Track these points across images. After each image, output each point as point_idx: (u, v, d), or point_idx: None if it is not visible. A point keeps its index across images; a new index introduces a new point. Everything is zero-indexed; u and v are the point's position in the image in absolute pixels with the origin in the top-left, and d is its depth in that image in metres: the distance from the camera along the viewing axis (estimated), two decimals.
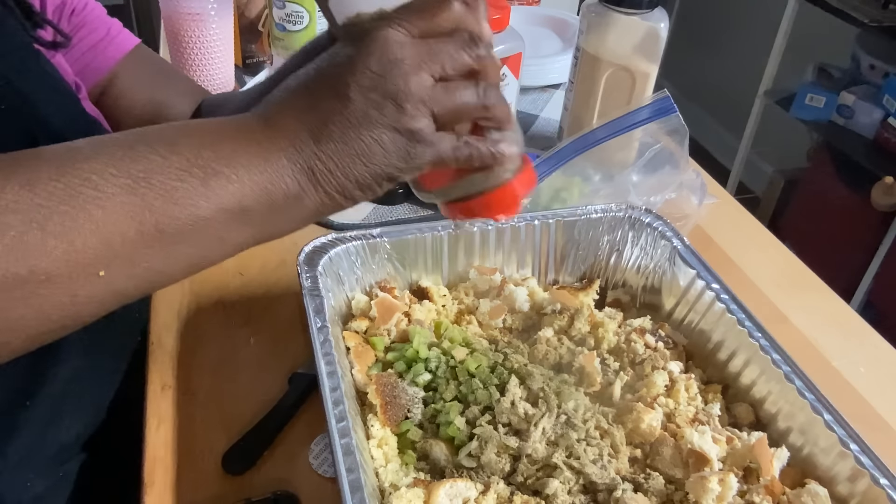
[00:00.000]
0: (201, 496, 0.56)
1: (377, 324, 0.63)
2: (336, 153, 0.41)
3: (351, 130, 0.41)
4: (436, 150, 0.43)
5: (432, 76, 0.42)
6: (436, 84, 0.42)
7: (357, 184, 0.42)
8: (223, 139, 0.41)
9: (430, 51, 0.42)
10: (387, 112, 0.41)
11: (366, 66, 0.41)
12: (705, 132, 2.91)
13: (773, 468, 0.54)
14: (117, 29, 0.76)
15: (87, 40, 0.73)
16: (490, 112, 0.44)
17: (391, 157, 0.42)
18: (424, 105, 0.41)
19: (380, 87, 0.41)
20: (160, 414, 0.61)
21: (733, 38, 2.86)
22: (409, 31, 0.42)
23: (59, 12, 0.71)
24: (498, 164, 0.46)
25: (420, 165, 0.43)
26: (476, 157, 0.44)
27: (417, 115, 0.41)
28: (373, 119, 0.41)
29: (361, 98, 0.41)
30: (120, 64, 0.75)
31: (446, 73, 0.42)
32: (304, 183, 0.41)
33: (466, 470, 0.53)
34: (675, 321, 0.69)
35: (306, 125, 0.41)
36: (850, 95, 2.06)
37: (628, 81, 0.87)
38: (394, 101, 0.41)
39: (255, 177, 0.40)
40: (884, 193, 1.97)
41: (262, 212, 0.41)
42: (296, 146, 0.41)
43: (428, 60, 0.41)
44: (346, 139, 0.41)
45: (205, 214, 0.39)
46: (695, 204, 0.80)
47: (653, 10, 0.84)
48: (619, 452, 0.55)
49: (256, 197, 0.40)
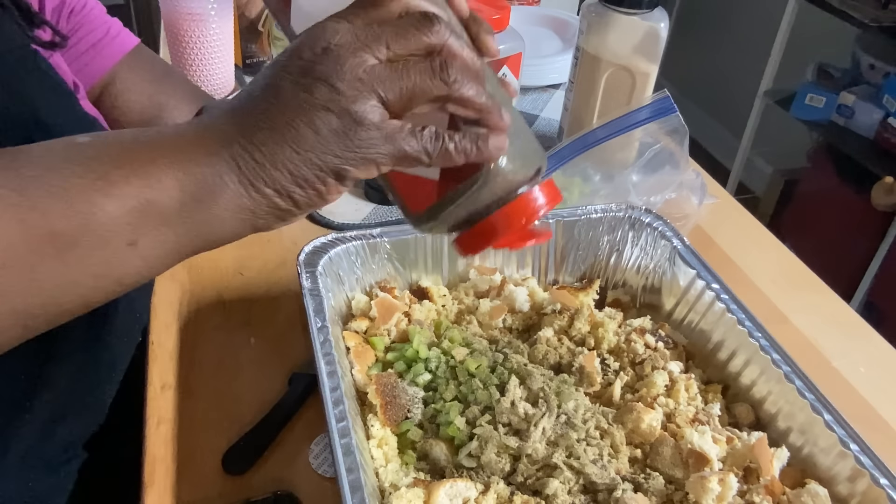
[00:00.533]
0: (201, 496, 0.56)
1: (377, 324, 0.63)
2: (263, 142, 0.37)
3: (279, 116, 0.37)
4: (388, 138, 0.37)
5: (376, 57, 0.37)
6: (380, 64, 0.37)
7: (291, 176, 0.37)
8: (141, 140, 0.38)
9: (371, 31, 0.37)
10: (318, 94, 0.36)
11: (297, 55, 0.37)
12: (705, 132, 2.91)
13: (773, 468, 0.54)
14: (117, 29, 0.76)
15: (85, 40, 0.73)
16: (458, 94, 0.38)
17: (328, 142, 0.37)
18: (363, 84, 0.36)
19: (310, 71, 0.37)
20: (160, 414, 0.61)
21: (733, 38, 2.86)
22: (350, 19, 0.38)
23: (58, 12, 0.71)
24: (481, 157, 0.39)
25: (371, 157, 0.38)
26: (449, 149, 0.38)
27: (355, 94, 0.36)
28: (302, 102, 0.36)
29: (290, 85, 0.37)
30: (119, 64, 0.75)
31: (395, 54, 0.37)
32: (225, 174, 0.37)
33: (466, 470, 0.53)
34: (675, 321, 0.69)
35: (234, 120, 0.38)
36: (850, 95, 2.06)
37: (628, 81, 0.87)
38: (325, 82, 0.36)
39: (166, 168, 0.36)
40: (884, 193, 1.97)
41: (175, 209, 0.37)
42: (219, 139, 0.37)
43: (368, 41, 0.37)
44: (273, 126, 0.37)
45: (105, 211, 0.35)
46: (695, 204, 0.80)
47: (653, 10, 0.84)
48: (619, 452, 0.55)
49: (166, 191, 0.36)
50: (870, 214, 2.00)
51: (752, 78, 2.38)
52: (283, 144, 0.37)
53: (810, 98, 2.15)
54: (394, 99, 0.37)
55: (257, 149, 0.37)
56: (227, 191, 0.37)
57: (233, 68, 1.09)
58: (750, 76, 2.44)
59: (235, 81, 1.10)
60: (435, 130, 0.38)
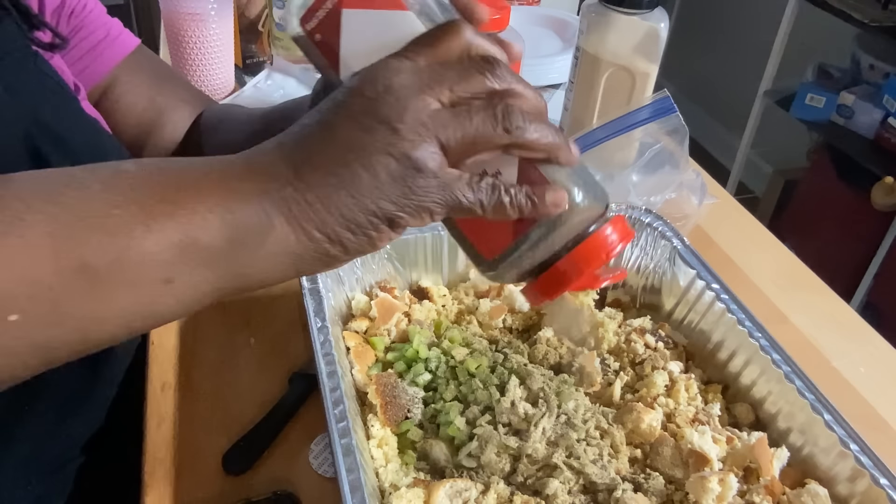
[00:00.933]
0: (201, 496, 0.56)
1: (377, 324, 0.63)
2: (316, 183, 0.34)
3: (336, 157, 0.35)
4: (445, 187, 0.36)
5: (438, 100, 0.35)
6: (442, 108, 0.36)
7: (343, 220, 0.35)
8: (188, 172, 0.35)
9: (434, 73, 0.36)
10: (378, 136, 0.34)
11: (359, 93, 0.35)
12: (705, 132, 2.91)
13: (773, 468, 0.54)
14: (117, 30, 0.76)
15: (86, 42, 0.73)
16: (521, 140, 0.36)
17: (385, 188, 0.35)
18: (426, 129, 0.35)
19: (371, 111, 0.35)
20: (160, 414, 0.61)
21: (733, 38, 2.86)
22: (412, 58, 0.36)
23: (58, 14, 0.71)
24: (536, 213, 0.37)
25: (427, 206, 0.36)
26: (504, 203, 0.36)
27: (416, 139, 0.34)
28: (362, 144, 0.35)
29: (350, 123, 0.35)
30: (120, 66, 0.75)
31: (457, 97, 0.36)
32: (273, 215, 0.34)
33: (466, 470, 0.53)
34: (675, 321, 0.69)
35: (286, 156, 0.36)
36: (850, 95, 2.06)
37: (628, 81, 0.87)
38: (387, 125, 0.34)
39: (212, 204, 0.34)
40: (884, 193, 1.97)
41: (219, 249, 0.34)
42: (269, 176, 0.35)
43: (432, 83, 0.35)
44: (329, 167, 0.35)
45: (142, 247, 0.33)
46: (695, 204, 0.80)
47: (653, 10, 0.84)
48: (619, 452, 0.55)
49: (211, 229, 0.34)
50: (870, 214, 2.00)
51: (752, 78, 2.38)
52: (339, 188, 0.35)
53: (810, 98, 2.15)
54: (455, 146, 0.36)
55: (310, 189, 0.35)
56: (274, 232, 0.35)
57: (233, 68, 1.09)
58: (750, 76, 2.44)
59: (235, 81, 1.10)
60: (492, 182, 0.37)
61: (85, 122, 0.62)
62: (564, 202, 0.38)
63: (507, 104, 0.36)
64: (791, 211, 2.37)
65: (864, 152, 2.04)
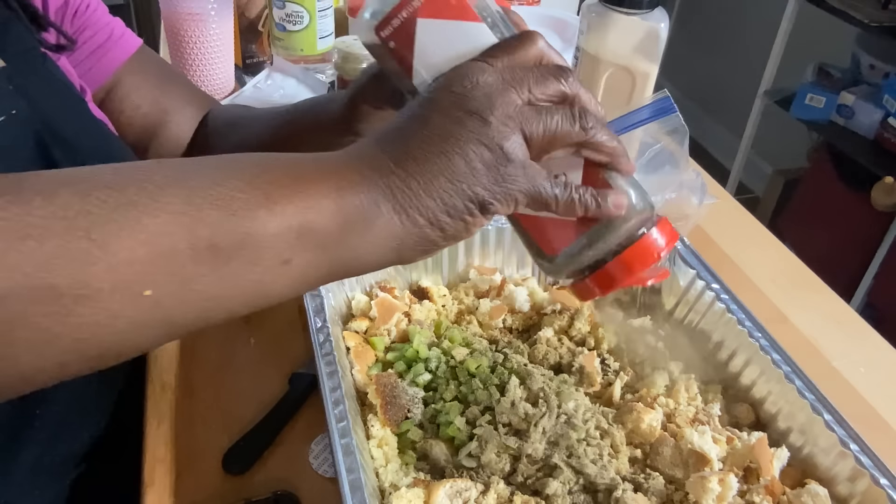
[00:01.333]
0: (201, 496, 0.56)
1: (377, 324, 0.63)
2: (417, 171, 0.38)
3: (432, 147, 0.38)
4: (530, 177, 0.39)
5: (521, 98, 0.39)
6: (525, 105, 0.39)
7: (443, 205, 0.38)
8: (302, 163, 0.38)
9: (516, 74, 0.39)
10: (471, 126, 0.38)
11: (448, 90, 0.39)
12: (705, 132, 2.91)
13: (773, 468, 0.54)
14: (120, 30, 0.75)
15: (90, 42, 0.73)
16: (593, 140, 0.40)
17: (479, 174, 0.38)
18: (513, 121, 0.38)
19: (462, 105, 0.38)
20: (160, 414, 0.61)
21: (733, 38, 2.86)
22: (493, 62, 0.40)
23: (62, 14, 0.70)
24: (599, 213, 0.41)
25: (513, 193, 0.39)
26: (574, 199, 0.40)
27: (505, 130, 0.38)
28: (456, 135, 0.38)
29: (441, 117, 0.38)
30: (124, 67, 0.75)
31: (535, 98, 0.39)
32: (381, 201, 0.37)
33: (466, 470, 0.53)
34: (675, 321, 0.69)
35: (385, 149, 0.39)
36: (850, 95, 2.06)
37: (628, 81, 0.87)
38: (479, 115, 0.38)
39: (326, 191, 0.37)
40: (884, 193, 1.97)
41: (333, 233, 0.37)
42: (374, 167, 0.38)
43: (514, 82, 0.39)
44: (427, 156, 0.38)
45: (265, 229, 0.35)
46: (695, 204, 0.80)
47: (653, 10, 0.84)
48: (619, 452, 0.55)
49: (326, 214, 0.37)
50: (870, 214, 2.00)
51: (752, 78, 2.38)
52: (438, 174, 0.38)
53: (810, 98, 2.15)
54: (538, 139, 0.39)
55: (412, 177, 0.38)
56: (382, 218, 0.38)
57: (233, 68, 1.09)
58: (750, 76, 2.44)
59: (235, 81, 1.10)
60: (565, 181, 0.40)
61: (92, 125, 0.62)
62: (625, 204, 0.41)
63: (583, 106, 0.40)
64: (791, 211, 2.37)
65: (864, 152, 2.04)
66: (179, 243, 0.34)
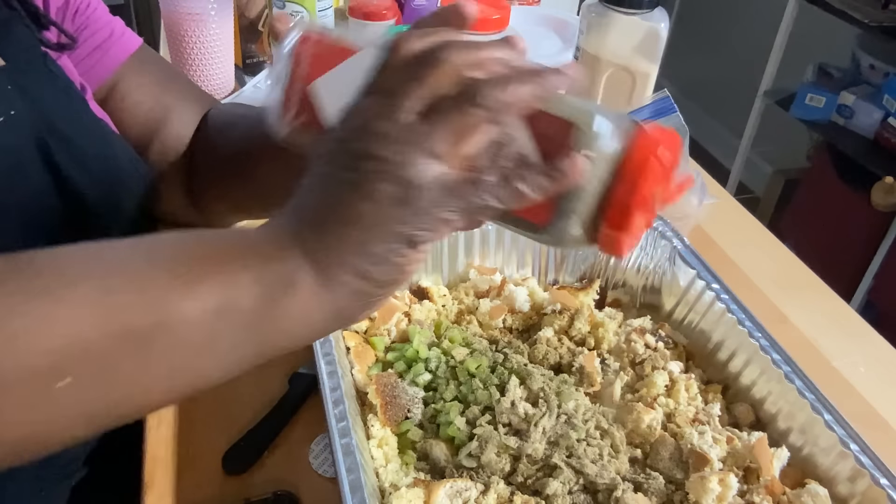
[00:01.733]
0: (201, 496, 0.56)
1: (377, 324, 0.63)
2: (328, 230, 0.35)
3: (336, 201, 0.35)
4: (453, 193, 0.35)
5: (407, 113, 0.35)
6: (416, 119, 0.35)
7: (364, 255, 0.35)
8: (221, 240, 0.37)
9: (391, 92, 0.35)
10: (365, 168, 0.34)
11: (334, 139, 0.37)
12: (705, 132, 2.91)
13: (773, 468, 0.54)
14: (121, 29, 0.75)
15: (91, 41, 0.72)
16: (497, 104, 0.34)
17: (391, 213, 0.34)
18: (406, 144, 0.34)
19: (349, 150, 0.35)
20: (160, 414, 0.61)
21: (733, 38, 2.86)
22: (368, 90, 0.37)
23: (63, 13, 0.70)
24: (563, 184, 0.35)
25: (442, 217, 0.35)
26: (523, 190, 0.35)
27: (401, 158, 0.34)
28: (353, 182, 0.35)
29: (336, 169, 0.36)
30: (125, 65, 0.75)
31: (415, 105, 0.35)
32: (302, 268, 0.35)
33: (466, 470, 0.53)
34: (675, 321, 0.69)
35: (298, 216, 0.37)
36: (850, 95, 2.06)
37: (628, 81, 0.87)
38: (368, 156, 0.34)
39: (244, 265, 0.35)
40: (884, 193, 1.97)
41: (255, 309, 0.35)
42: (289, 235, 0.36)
43: (394, 101, 0.35)
44: (334, 211, 0.35)
45: (182, 310, 0.33)
46: (695, 204, 0.80)
47: (653, 10, 0.84)
48: (619, 452, 0.55)
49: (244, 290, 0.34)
50: (870, 214, 2.00)
51: (752, 78, 2.38)
52: (348, 226, 0.35)
53: (810, 98, 2.15)
54: (446, 148, 0.34)
55: (325, 236, 0.35)
56: (306, 284, 0.35)
57: (233, 68, 1.09)
58: (750, 76, 2.44)
59: (235, 81, 1.10)
60: (500, 175, 0.35)
61: (94, 125, 0.62)
62: (583, 164, 0.35)
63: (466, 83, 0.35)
64: (791, 211, 2.37)
65: (864, 152, 2.04)
66: (93, 329, 0.32)
